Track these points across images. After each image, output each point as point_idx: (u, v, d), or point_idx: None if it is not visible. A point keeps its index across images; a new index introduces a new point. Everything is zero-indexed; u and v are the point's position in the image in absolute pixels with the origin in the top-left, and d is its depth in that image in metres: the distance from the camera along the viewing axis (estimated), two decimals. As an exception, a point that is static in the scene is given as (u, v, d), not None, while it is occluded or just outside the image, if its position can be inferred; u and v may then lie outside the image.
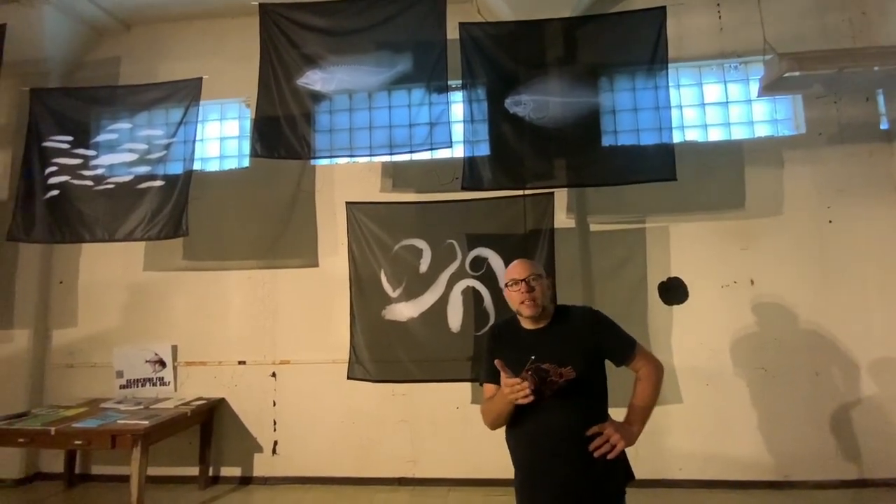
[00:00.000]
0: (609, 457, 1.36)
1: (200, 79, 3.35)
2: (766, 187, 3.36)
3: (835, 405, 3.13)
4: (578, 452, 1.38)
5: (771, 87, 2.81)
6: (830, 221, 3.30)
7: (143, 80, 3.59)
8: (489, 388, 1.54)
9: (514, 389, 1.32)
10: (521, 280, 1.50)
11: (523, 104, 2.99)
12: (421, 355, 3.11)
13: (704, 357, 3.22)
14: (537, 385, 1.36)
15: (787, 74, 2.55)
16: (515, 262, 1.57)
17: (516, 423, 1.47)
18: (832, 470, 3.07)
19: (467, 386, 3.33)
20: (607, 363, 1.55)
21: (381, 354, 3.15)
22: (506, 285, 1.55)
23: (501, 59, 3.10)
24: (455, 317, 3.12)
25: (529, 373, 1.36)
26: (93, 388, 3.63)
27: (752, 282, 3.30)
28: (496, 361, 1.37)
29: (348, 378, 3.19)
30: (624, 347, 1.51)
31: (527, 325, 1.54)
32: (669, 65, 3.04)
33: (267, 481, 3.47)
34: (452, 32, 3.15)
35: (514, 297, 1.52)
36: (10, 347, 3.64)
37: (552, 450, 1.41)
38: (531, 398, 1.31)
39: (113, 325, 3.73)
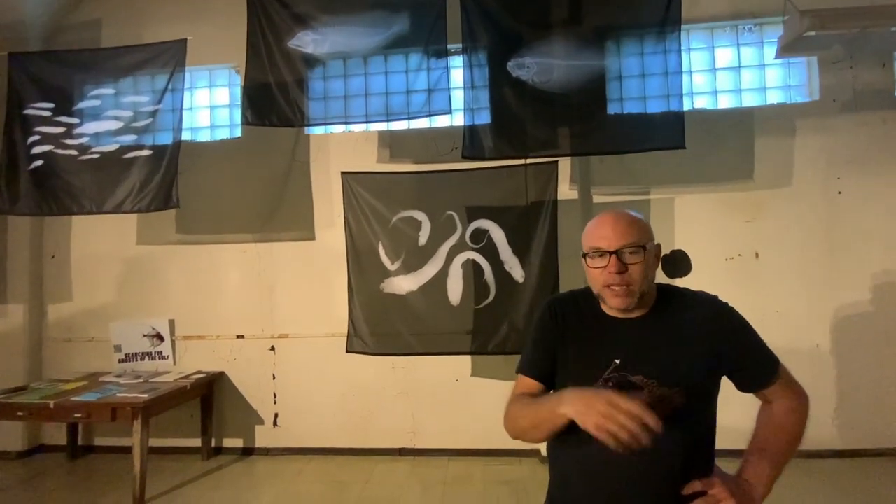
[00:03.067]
0: None
1: (185, 40, 3.18)
2: (775, 157, 3.25)
3: (833, 376, 3.14)
4: None
5: (789, 48, 2.67)
6: (840, 192, 3.21)
7: (126, 45, 3.39)
8: (526, 382, 1.05)
9: (623, 418, 0.76)
10: (610, 253, 0.96)
11: (527, 67, 2.85)
12: (420, 328, 3.08)
13: (706, 330, 3.20)
14: None
15: (807, 33, 2.41)
16: (604, 218, 1.01)
17: (571, 444, 0.94)
18: (827, 440, 3.10)
19: (467, 359, 3.33)
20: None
21: (381, 328, 3.12)
22: (584, 254, 1.01)
23: (504, 19, 2.93)
24: (455, 290, 3.08)
25: (611, 384, 0.93)
26: (91, 362, 3.62)
27: (757, 255, 3.25)
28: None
29: (347, 351, 3.18)
30: (763, 368, 1.00)
31: (612, 309, 1.02)
32: (681, 27, 2.88)
33: (269, 452, 3.52)
34: (452, -10, 2.98)
35: (596, 277, 0.99)
36: (4, 322, 3.61)
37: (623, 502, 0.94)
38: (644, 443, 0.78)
39: (109, 300, 3.69)
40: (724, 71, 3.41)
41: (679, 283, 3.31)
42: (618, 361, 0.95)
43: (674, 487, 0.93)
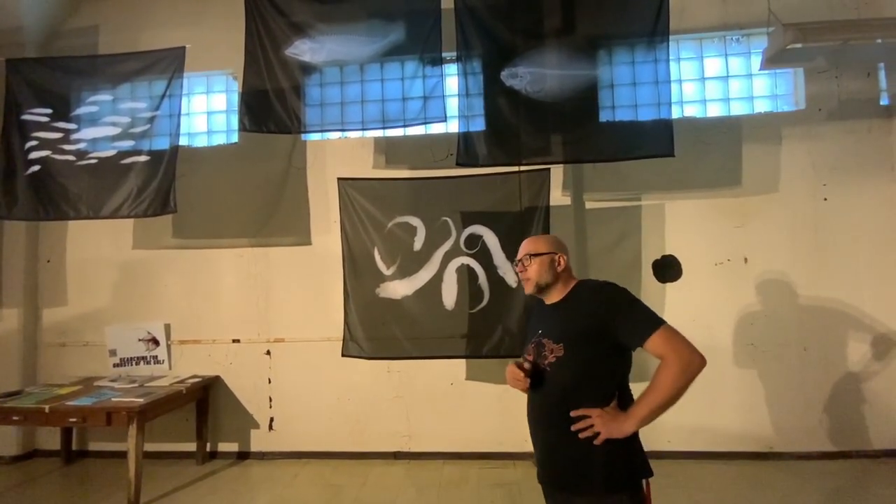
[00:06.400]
0: (595, 442, 1.29)
1: (183, 48, 3.21)
2: (763, 164, 3.33)
3: (820, 380, 3.20)
4: (557, 428, 1.35)
5: (774, 60, 2.75)
6: (825, 199, 3.29)
7: (123, 51, 3.43)
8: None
9: (514, 379, 1.40)
10: (518, 260, 1.54)
11: (520, 77, 2.91)
12: (415, 333, 3.11)
13: (696, 333, 3.14)
14: (535, 358, 1.43)
15: (790, 46, 2.48)
16: (525, 240, 1.58)
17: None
18: (815, 442, 3.16)
19: (461, 362, 3.36)
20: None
21: (376, 332, 3.15)
22: (514, 262, 1.60)
23: (498, 30, 2.99)
24: (449, 295, 3.12)
25: (533, 345, 1.45)
26: (86, 366, 3.63)
27: (746, 259, 3.31)
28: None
29: (343, 355, 3.20)
30: (635, 328, 1.31)
31: (547, 299, 1.53)
32: (670, 37, 2.95)
33: (264, 456, 3.53)
34: (447, 1, 3.03)
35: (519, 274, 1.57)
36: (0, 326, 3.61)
37: (536, 421, 1.45)
38: (524, 388, 1.40)
39: (104, 304, 3.69)
40: (713, 80, 3.49)
41: (670, 287, 3.38)
42: (540, 331, 1.46)
43: (561, 410, 1.34)
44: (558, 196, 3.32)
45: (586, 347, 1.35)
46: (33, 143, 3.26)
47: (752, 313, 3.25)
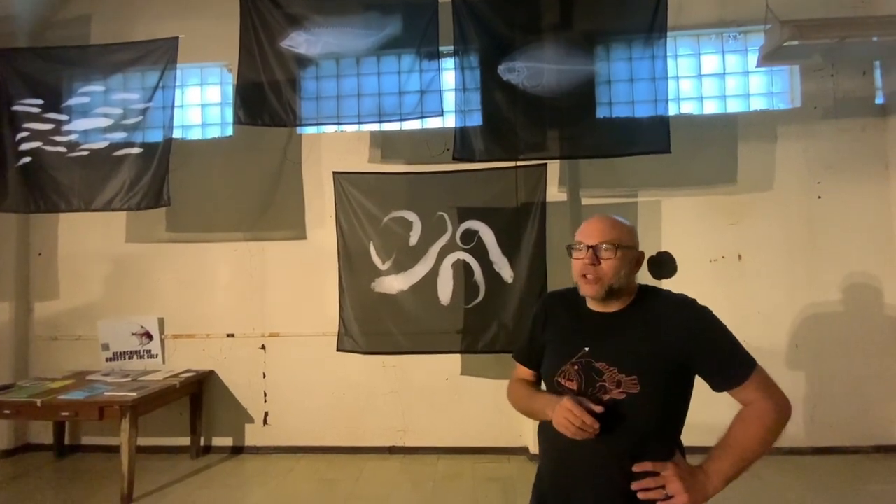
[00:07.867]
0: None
1: (177, 38, 3.17)
2: (758, 162, 3.34)
3: (812, 375, 3.23)
4: (614, 489, 1.01)
5: (770, 57, 2.75)
6: (819, 197, 3.31)
7: (115, 41, 3.38)
8: (521, 368, 1.28)
9: (572, 422, 0.98)
10: (589, 247, 1.08)
11: (517, 71, 2.90)
12: (411, 328, 3.11)
13: (690, 330, 3.27)
14: (580, 387, 1.05)
15: (787, 43, 2.49)
16: (592, 219, 1.12)
17: (550, 427, 1.07)
18: (806, 438, 3.19)
19: (457, 357, 3.36)
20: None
21: (371, 327, 3.15)
22: (570, 246, 1.13)
23: (495, 24, 2.98)
24: (445, 290, 3.11)
25: (577, 368, 1.06)
26: (78, 360, 3.60)
27: (740, 257, 3.33)
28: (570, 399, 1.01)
29: (338, 350, 3.19)
30: (731, 368, 1.04)
31: (592, 302, 1.13)
32: (667, 34, 2.95)
33: (258, 451, 3.52)
34: (444, -6, 3.01)
35: (576, 267, 1.11)
36: (-10, 320, 3.57)
37: (577, 475, 1.06)
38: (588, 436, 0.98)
39: (96, 298, 3.66)
40: (710, 77, 3.49)
41: (665, 284, 3.38)
42: (587, 349, 1.07)
43: (623, 465, 1.01)
44: (555, 192, 3.32)
45: (665, 384, 1.04)
46: (24, 134, 3.21)
47: (745, 310, 3.27)
